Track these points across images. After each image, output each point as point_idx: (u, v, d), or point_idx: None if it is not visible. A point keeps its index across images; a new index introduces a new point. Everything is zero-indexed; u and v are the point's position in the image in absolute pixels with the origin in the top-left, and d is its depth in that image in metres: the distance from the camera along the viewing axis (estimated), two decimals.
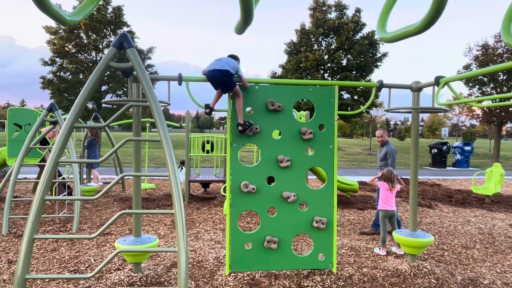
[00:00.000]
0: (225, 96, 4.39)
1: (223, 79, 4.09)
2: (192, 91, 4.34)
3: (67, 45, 35.87)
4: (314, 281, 4.28)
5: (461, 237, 6.40)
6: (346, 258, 5.14)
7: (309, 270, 4.55)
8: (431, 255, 5.34)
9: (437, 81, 4.25)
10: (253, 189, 4.33)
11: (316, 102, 4.53)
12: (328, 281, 4.28)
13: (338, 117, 4.51)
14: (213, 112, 4.40)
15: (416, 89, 4.71)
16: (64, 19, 1.69)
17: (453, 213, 8.40)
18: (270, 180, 4.47)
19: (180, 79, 4.31)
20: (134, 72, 3.56)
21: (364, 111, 30.62)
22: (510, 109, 26.21)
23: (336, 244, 5.70)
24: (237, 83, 4.22)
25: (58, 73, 36.32)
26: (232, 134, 4.37)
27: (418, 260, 4.99)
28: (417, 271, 4.60)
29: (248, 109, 4.46)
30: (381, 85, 4.67)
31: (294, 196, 4.42)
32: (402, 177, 9.41)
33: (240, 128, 4.26)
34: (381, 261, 5.02)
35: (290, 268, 4.52)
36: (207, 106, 4.27)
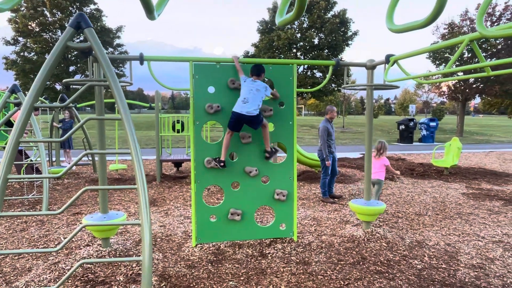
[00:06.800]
0: (187, 75, 4.50)
1: (249, 120, 4.32)
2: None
3: (30, 23, 34.10)
4: (275, 248, 4.58)
5: (416, 206, 6.88)
6: (308, 227, 5.48)
7: (271, 239, 4.85)
8: (386, 222, 5.76)
9: (387, 59, 4.52)
10: (216, 164, 4.53)
11: (276, 81, 4.72)
12: (289, 248, 4.60)
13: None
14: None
15: (370, 67, 4.96)
16: None
17: (412, 185, 8.93)
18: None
19: (141, 59, 4.38)
20: (93, 52, 3.61)
21: (336, 89, 31.09)
22: (474, 86, 27.34)
23: (300, 215, 6.06)
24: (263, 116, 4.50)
25: (21, 53, 34.65)
26: (195, 112, 4.52)
27: (373, 227, 5.38)
28: (371, 236, 5.00)
29: (212, 90, 4.58)
30: (337, 63, 4.90)
31: (256, 170, 4.66)
32: (363, 153, 9.84)
33: (267, 155, 4.62)
34: (339, 229, 5.39)
35: (253, 238, 4.80)
36: (220, 161, 4.47)
